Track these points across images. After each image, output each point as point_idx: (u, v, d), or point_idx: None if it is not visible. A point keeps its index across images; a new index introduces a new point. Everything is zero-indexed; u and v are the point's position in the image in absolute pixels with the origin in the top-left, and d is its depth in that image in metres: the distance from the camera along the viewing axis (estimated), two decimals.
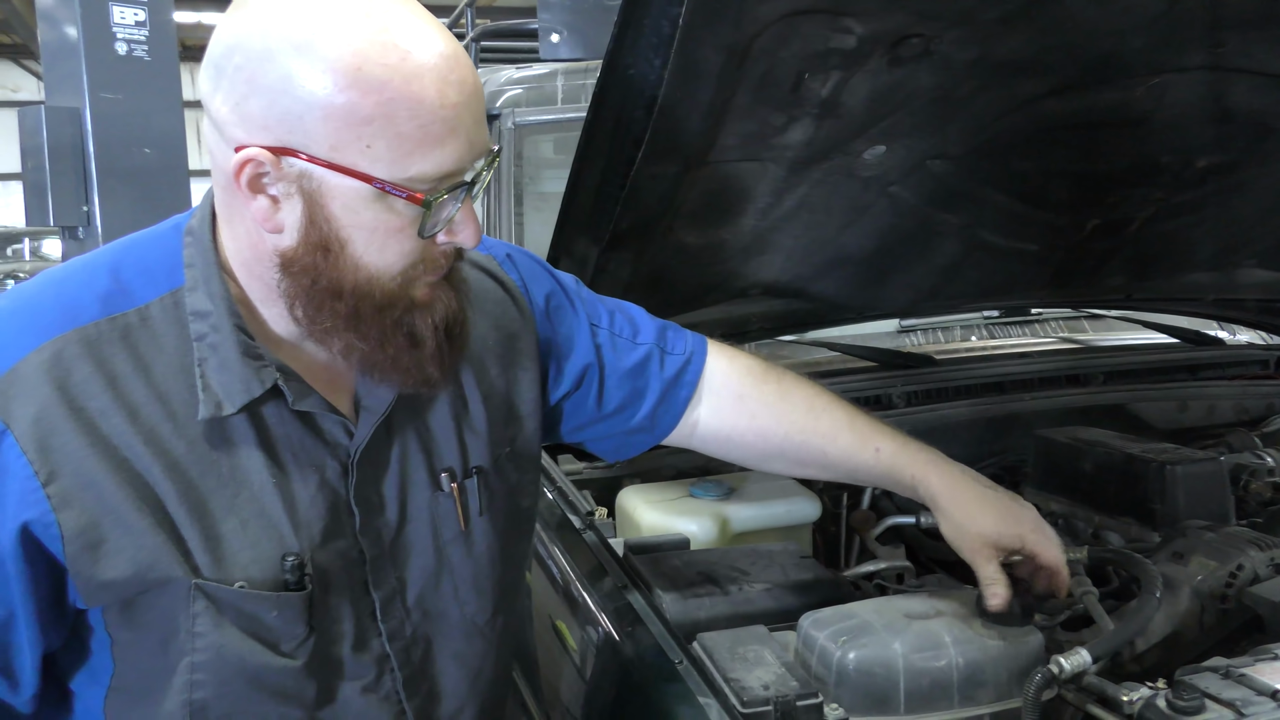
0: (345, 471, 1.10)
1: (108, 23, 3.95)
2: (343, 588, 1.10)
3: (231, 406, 1.02)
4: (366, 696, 1.12)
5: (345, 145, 0.95)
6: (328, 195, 0.97)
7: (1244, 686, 1.09)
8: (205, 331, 1.03)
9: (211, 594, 1.01)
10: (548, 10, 2.68)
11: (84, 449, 0.97)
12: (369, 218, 0.99)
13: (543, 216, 2.40)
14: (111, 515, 0.98)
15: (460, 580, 1.19)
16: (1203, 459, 1.75)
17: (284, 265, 1.01)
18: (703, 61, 1.30)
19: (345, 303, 1.02)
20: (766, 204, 1.70)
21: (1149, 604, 1.34)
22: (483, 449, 1.21)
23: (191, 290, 1.04)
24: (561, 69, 2.76)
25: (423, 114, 0.95)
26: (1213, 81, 1.63)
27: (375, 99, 0.93)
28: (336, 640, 1.09)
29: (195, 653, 1.02)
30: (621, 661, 1.31)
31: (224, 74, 0.96)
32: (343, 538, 1.10)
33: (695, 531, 1.70)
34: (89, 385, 0.99)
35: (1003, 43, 1.44)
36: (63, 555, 0.97)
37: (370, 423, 1.11)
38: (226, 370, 1.02)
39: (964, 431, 2.26)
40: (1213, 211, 2.05)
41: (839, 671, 1.20)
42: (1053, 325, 2.79)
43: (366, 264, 1.01)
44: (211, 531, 1.02)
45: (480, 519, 1.20)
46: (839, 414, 1.37)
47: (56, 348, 0.99)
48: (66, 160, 3.93)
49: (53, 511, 0.96)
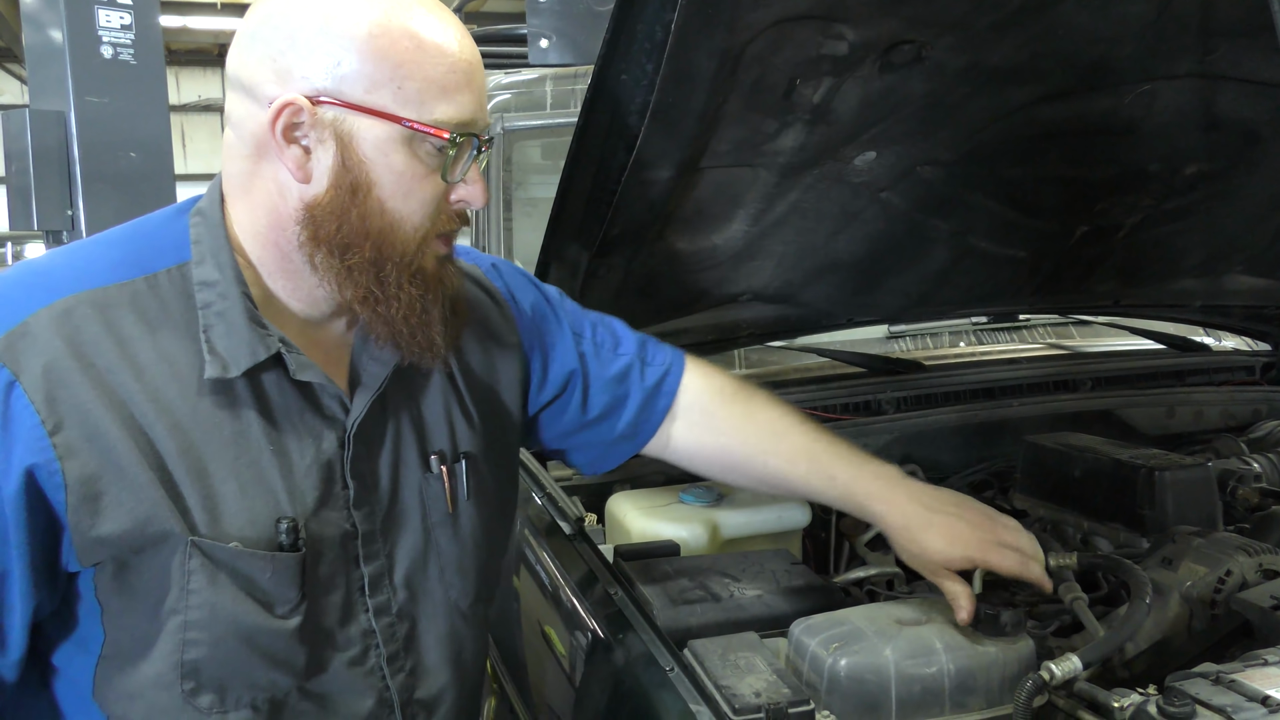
0: (341, 445, 1.13)
1: (93, 26, 3.92)
2: (333, 559, 1.12)
3: (237, 369, 1.05)
4: (352, 670, 1.14)
5: (378, 88, 1.03)
6: (360, 138, 1.04)
7: (1234, 692, 1.09)
8: (212, 300, 1.07)
9: (207, 551, 1.03)
10: (537, 15, 2.67)
11: (91, 402, 0.99)
12: (398, 160, 1.06)
13: (531, 222, 2.40)
14: (114, 468, 1.00)
15: (446, 562, 1.22)
16: (1191, 465, 1.75)
17: (311, 216, 1.06)
18: (695, 67, 1.30)
19: (369, 247, 1.07)
20: (758, 210, 1.70)
21: (1139, 610, 1.34)
22: (470, 437, 1.25)
23: (199, 263, 1.08)
24: (550, 74, 2.75)
25: (447, 60, 1.05)
26: (1202, 89, 1.64)
27: (406, 44, 1.03)
28: (326, 611, 1.11)
29: (189, 610, 1.03)
30: (612, 668, 1.30)
31: (258, 38, 1.05)
32: (336, 509, 1.12)
33: (685, 537, 1.70)
34: (98, 343, 1.02)
35: (994, 49, 1.45)
36: (64, 505, 0.98)
37: (366, 398, 1.14)
38: (233, 335, 1.06)
39: (953, 437, 2.26)
40: (1201, 218, 2.06)
41: (830, 678, 1.19)
42: (1041, 331, 2.80)
43: (391, 209, 1.07)
44: (210, 491, 1.04)
45: (467, 503, 1.24)
46: (800, 439, 1.40)
47: (68, 305, 1.02)
48: (51, 164, 3.90)
49: (58, 460, 0.97)
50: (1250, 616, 1.38)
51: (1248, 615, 1.38)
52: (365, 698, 1.15)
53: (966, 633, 1.24)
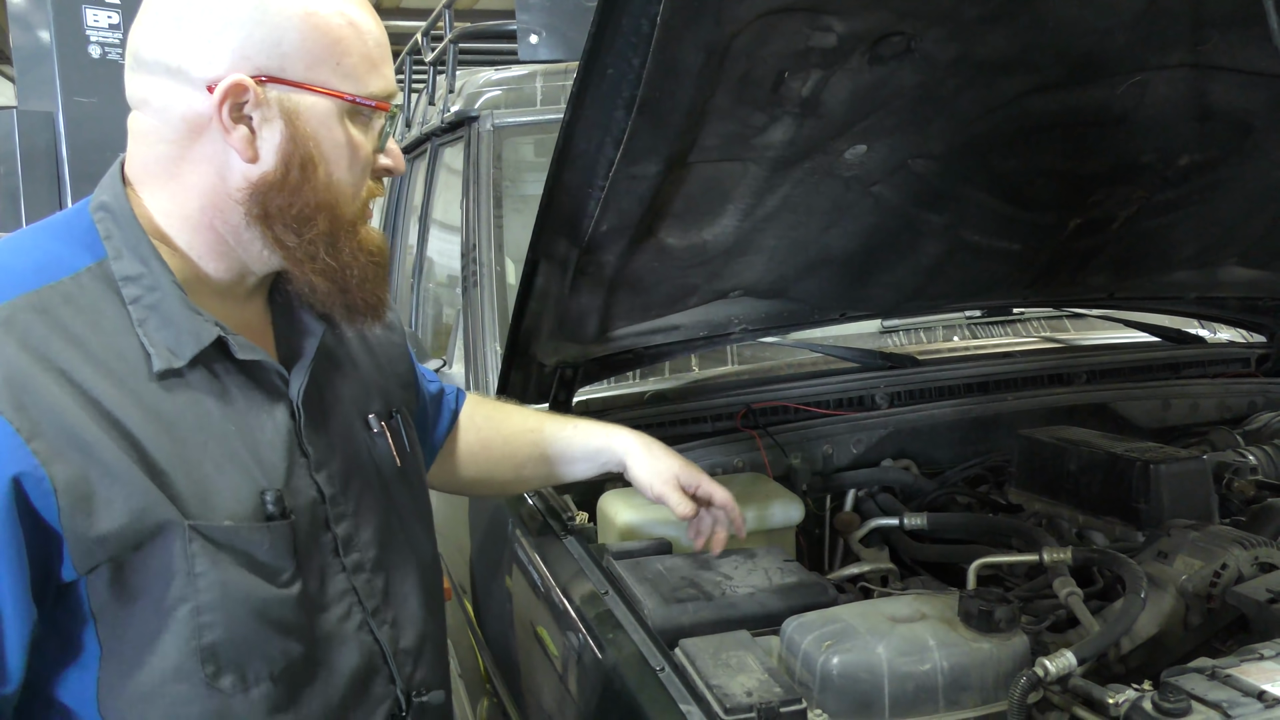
0: (292, 415, 1.17)
1: (81, 26, 3.89)
2: (308, 525, 1.15)
3: (183, 359, 1.07)
4: (342, 628, 1.18)
5: (319, 64, 1.08)
6: (305, 115, 1.08)
7: (1230, 688, 1.08)
8: (140, 293, 1.07)
9: (206, 533, 1.04)
10: (526, 11, 2.65)
11: (60, 402, 0.98)
12: (339, 134, 1.11)
13: (523, 220, 2.38)
14: (99, 466, 0.99)
15: (406, 514, 1.30)
16: (1186, 458, 1.74)
17: (260, 194, 1.09)
18: (682, 60, 1.29)
19: (322, 219, 1.11)
20: (748, 205, 1.68)
21: (1134, 604, 1.34)
22: (392, 390, 1.37)
23: (116, 259, 1.08)
24: (541, 70, 2.73)
25: (373, 36, 1.13)
26: (1195, 79, 1.63)
27: (339, 22, 1.09)
28: (311, 575, 1.15)
29: (199, 595, 1.04)
30: (603, 668, 1.29)
31: (184, 19, 1.05)
32: (302, 478, 1.16)
33: (677, 535, 1.69)
34: (50, 343, 1.00)
35: (984, 41, 1.43)
36: (56, 512, 0.96)
37: (303, 367, 1.19)
38: (170, 326, 1.07)
39: (947, 432, 2.26)
40: (1194, 210, 2.04)
41: (823, 677, 1.18)
42: (1035, 325, 2.79)
43: (336, 181, 1.12)
44: (193, 475, 1.05)
45: (411, 456, 1.34)
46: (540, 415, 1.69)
47: (5, 313, 1.00)
48: (39, 165, 3.87)
49: (42, 466, 0.96)
50: (1246, 610, 1.37)
51: (1243, 609, 1.37)
52: (357, 654, 1.19)
53: (960, 630, 1.23)
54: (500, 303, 2.30)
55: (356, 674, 1.19)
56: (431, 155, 3.00)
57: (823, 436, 2.17)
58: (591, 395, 2.17)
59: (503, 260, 2.39)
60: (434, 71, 3.16)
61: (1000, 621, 1.23)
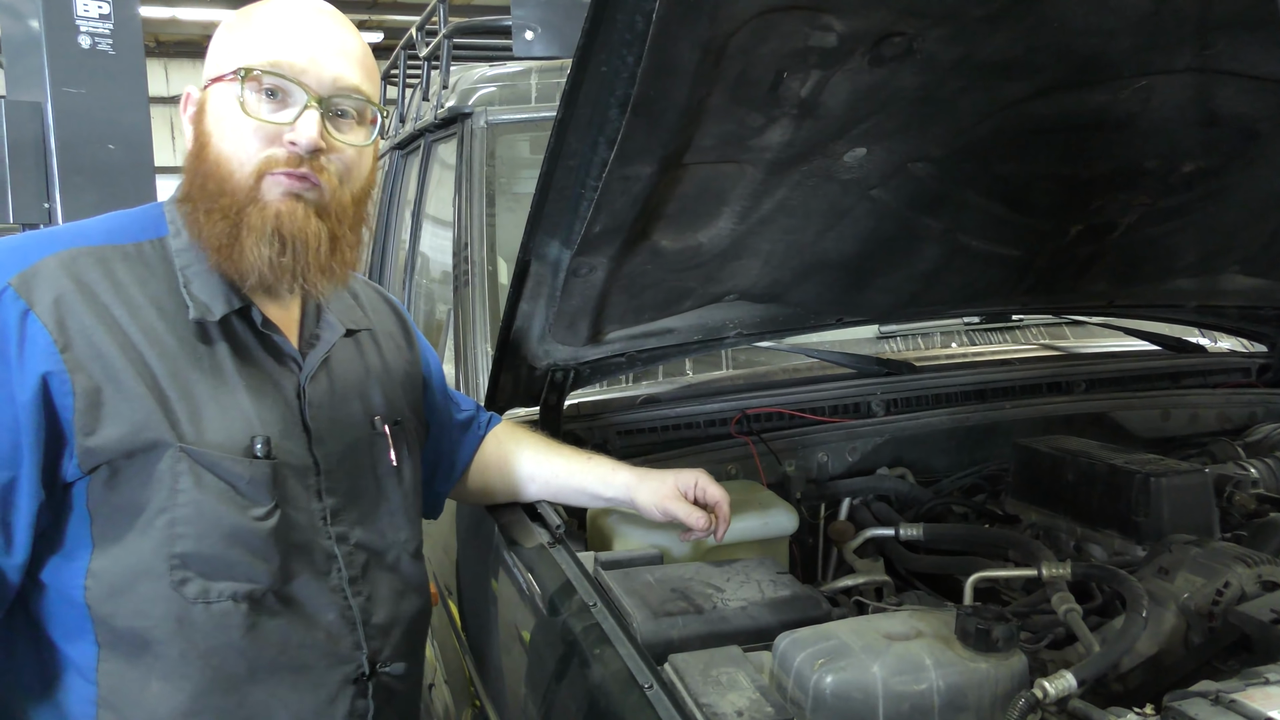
0: (298, 395, 1.34)
1: (71, 16, 3.84)
2: (296, 484, 1.30)
3: (215, 314, 1.27)
4: (319, 582, 1.31)
5: (225, 59, 1.26)
6: (207, 102, 1.27)
7: (1235, 713, 1.05)
8: (189, 262, 1.29)
9: (194, 456, 1.21)
10: (522, 7, 2.62)
11: (94, 327, 1.19)
12: (220, 107, 1.25)
13: (516, 218, 2.35)
14: (114, 383, 1.18)
15: (394, 508, 1.43)
16: (1187, 470, 1.71)
17: (187, 178, 1.28)
18: (678, 59, 1.25)
19: (222, 197, 1.24)
20: (744, 207, 1.65)
21: (1135, 624, 1.31)
22: (400, 407, 1.51)
23: (175, 236, 1.31)
24: (535, 67, 2.70)
25: (276, 18, 1.26)
26: (1200, 84, 1.60)
27: (250, 15, 1.28)
28: (295, 527, 1.29)
29: (177, 508, 1.20)
30: (588, 684, 1.25)
31: None
32: (296, 443, 1.31)
33: (669, 545, 1.65)
34: (99, 284, 1.22)
35: (987, 42, 1.40)
36: (70, 412, 1.16)
37: (317, 354, 1.37)
38: (209, 288, 1.28)
39: (944, 440, 2.23)
40: (1197, 217, 2.01)
41: (815, 696, 1.15)
42: (1034, 332, 2.76)
43: (223, 151, 1.24)
44: (195, 408, 1.23)
45: (407, 459, 1.48)
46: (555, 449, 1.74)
47: (73, 254, 1.23)
48: (28, 156, 3.82)
49: (68, 371, 1.16)
50: (1249, 630, 1.34)
51: (1246, 629, 1.34)
52: (329, 610, 1.32)
53: (957, 648, 1.20)
54: (492, 302, 2.26)
55: (329, 627, 1.32)
56: (425, 151, 2.96)
57: (818, 443, 2.14)
58: (583, 398, 2.13)
59: (495, 259, 2.35)
60: (428, 66, 3.13)
61: (998, 640, 1.19)
